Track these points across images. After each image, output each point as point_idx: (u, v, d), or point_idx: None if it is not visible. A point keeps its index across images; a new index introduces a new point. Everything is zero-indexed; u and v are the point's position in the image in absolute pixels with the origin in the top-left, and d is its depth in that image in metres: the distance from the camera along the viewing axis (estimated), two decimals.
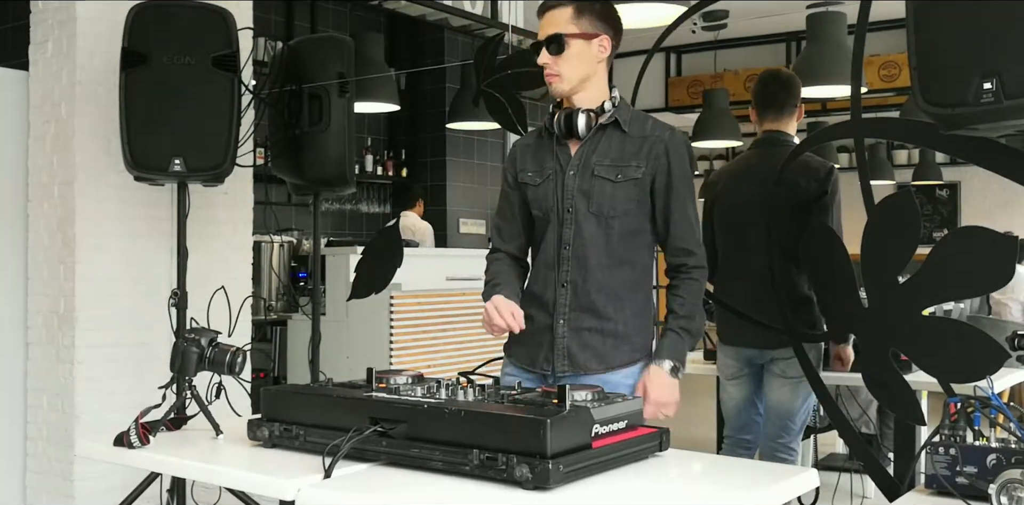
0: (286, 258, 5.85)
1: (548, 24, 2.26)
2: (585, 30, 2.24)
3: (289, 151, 3.90)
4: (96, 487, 3.67)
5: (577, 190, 2.27)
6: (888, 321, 2.25)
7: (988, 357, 2.05)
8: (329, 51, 3.91)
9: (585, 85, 2.28)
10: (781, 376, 3.37)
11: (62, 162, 3.75)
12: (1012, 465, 1.60)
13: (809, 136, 2.87)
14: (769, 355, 3.38)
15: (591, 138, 2.29)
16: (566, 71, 2.25)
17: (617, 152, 2.27)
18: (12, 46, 4.31)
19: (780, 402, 3.40)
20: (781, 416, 3.40)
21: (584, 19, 2.24)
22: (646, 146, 2.26)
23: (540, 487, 1.57)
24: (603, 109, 2.29)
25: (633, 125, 2.29)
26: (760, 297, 3.27)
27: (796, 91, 3.48)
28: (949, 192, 11.25)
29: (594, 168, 2.27)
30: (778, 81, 3.48)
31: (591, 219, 2.27)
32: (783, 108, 3.45)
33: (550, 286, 2.31)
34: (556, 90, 2.29)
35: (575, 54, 2.24)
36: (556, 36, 2.23)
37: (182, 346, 2.22)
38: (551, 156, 2.34)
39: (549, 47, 2.24)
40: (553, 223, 2.32)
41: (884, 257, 2.25)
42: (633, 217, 2.28)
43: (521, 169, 2.40)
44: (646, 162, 2.25)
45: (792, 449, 3.44)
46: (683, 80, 9.49)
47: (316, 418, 1.88)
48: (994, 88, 1.69)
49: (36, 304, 3.85)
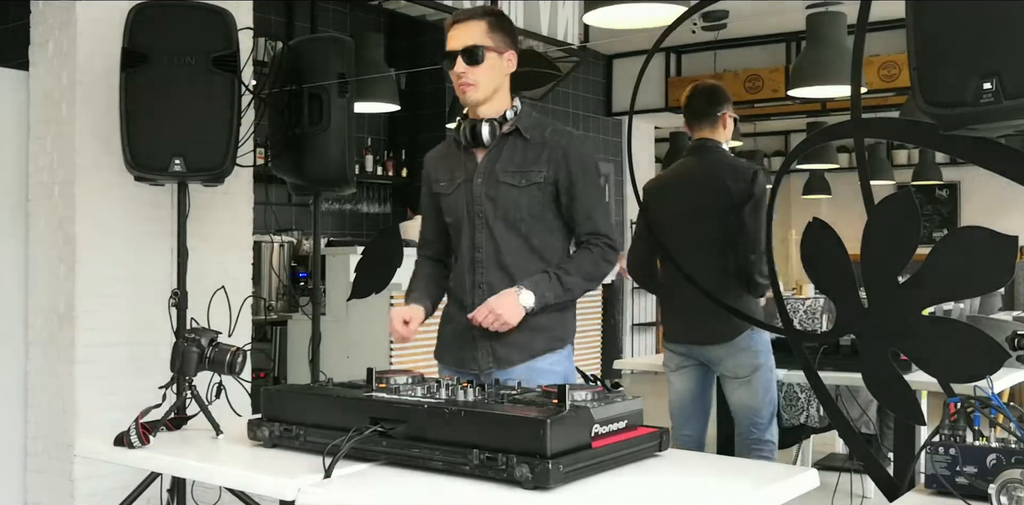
0: (286, 258, 5.85)
1: (463, 35, 2.38)
2: (498, 45, 2.39)
3: (289, 151, 3.90)
4: (96, 487, 3.67)
5: (485, 196, 2.42)
6: (888, 321, 2.25)
7: (988, 357, 2.05)
8: (329, 51, 3.91)
9: (494, 96, 2.42)
10: (734, 377, 3.47)
11: (62, 162, 3.75)
12: (1012, 465, 1.60)
13: (809, 136, 2.87)
14: (713, 353, 3.47)
15: (495, 146, 2.42)
16: (482, 81, 2.38)
17: (520, 158, 2.41)
18: (12, 46, 4.32)
19: (742, 402, 3.49)
20: (748, 415, 3.49)
21: (496, 35, 2.39)
22: (546, 152, 2.40)
23: (540, 487, 1.57)
24: (505, 118, 2.43)
25: (533, 132, 2.42)
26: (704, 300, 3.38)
27: (719, 100, 3.63)
28: (949, 192, 11.25)
29: (499, 175, 2.40)
30: (701, 93, 3.66)
31: (499, 223, 2.41)
32: (707, 117, 3.61)
33: (468, 289, 2.45)
34: (470, 98, 2.41)
35: (490, 66, 2.38)
36: (474, 47, 2.36)
37: (182, 346, 2.22)
38: (460, 166, 2.47)
39: (466, 57, 2.36)
40: (465, 229, 2.46)
41: (884, 257, 2.25)
42: (540, 218, 2.42)
43: (434, 180, 2.55)
44: (547, 167, 2.39)
45: (767, 442, 3.51)
46: (683, 80, 9.48)
47: (316, 418, 1.88)
48: (994, 88, 1.69)
49: (36, 303, 3.85)
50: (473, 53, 2.35)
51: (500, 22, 2.42)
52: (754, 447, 3.50)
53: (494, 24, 2.40)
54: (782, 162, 3.18)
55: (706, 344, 3.47)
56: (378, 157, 7.90)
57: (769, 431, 3.50)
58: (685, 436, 3.64)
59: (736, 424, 3.59)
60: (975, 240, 2.07)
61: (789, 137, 12.16)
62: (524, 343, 2.39)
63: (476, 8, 2.45)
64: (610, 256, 2.43)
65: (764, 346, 3.46)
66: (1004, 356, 2.06)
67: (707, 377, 3.61)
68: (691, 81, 9.68)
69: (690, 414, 3.63)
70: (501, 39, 2.40)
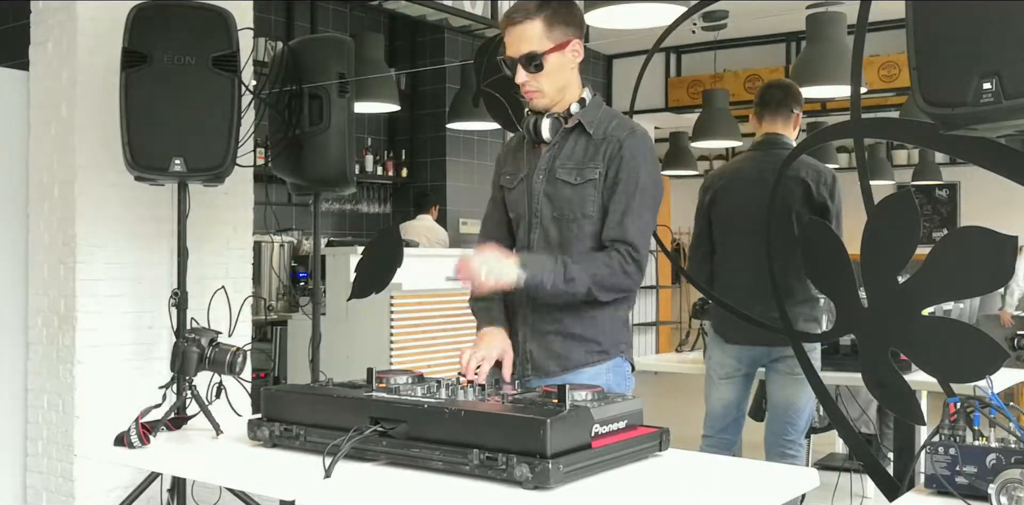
0: (286, 258, 5.86)
1: (519, 40, 2.20)
2: (558, 41, 2.20)
3: (289, 151, 3.90)
4: (96, 487, 3.67)
5: (543, 194, 2.28)
6: (888, 321, 2.25)
7: (988, 357, 2.05)
8: (329, 51, 3.91)
9: (563, 93, 2.27)
10: (789, 374, 3.42)
11: (62, 162, 3.75)
12: (1012, 465, 1.60)
13: (809, 136, 2.87)
14: (778, 353, 3.43)
15: (558, 142, 2.29)
16: (547, 86, 2.23)
17: (580, 154, 2.26)
18: (12, 46, 4.31)
19: (788, 399, 3.45)
20: (788, 413, 3.46)
21: (556, 30, 2.20)
22: (604, 147, 2.24)
23: (540, 487, 1.57)
24: (569, 112, 2.28)
25: (598, 127, 2.27)
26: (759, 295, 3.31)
27: (795, 97, 3.60)
28: (949, 192, 11.25)
29: (557, 171, 2.26)
30: (779, 87, 3.62)
31: (554, 223, 2.27)
32: (780, 112, 3.57)
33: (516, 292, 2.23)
34: (538, 105, 2.27)
35: (552, 69, 2.21)
36: (533, 55, 2.18)
37: (182, 346, 2.22)
38: (525, 159, 2.35)
39: (526, 65, 2.20)
40: (524, 226, 2.34)
41: (884, 257, 2.25)
42: (595, 220, 2.23)
43: (502, 173, 2.43)
44: (603, 163, 2.23)
45: (799, 445, 3.50)
46: (683, 80, 9.49)
47: (316, 418, 1.88)
48: (994, 88, 1.69)
49: (36, 304, 3.85)
50: (532, 60, 2.18)
51: (558, 14, 2.19)
52: (787, 449, 3.47)
53: (551, 19, 2.18)
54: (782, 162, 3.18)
55: (773, 345, 3.40)
56: (378, 157, 7.91)
57: (802, 436, 3.50)
58: (725, 439, 3.61)
59: (772, 423, 3.54)
60: (975, 240, 2.07)
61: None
62: (561, 353, 2.24)
63: (528, 2, 2.20)
64: (629, 268, 2.16)
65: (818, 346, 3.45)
66: (1004, 356, 2.06)
67: (750, 384, 3.61)
68: (691, 81, 9.72)
69: (733, 420, 3.61)
70: (562, 32, 2.20)
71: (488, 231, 2.47)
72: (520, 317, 2.29)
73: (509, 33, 2.22)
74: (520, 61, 2.20)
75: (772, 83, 3.67)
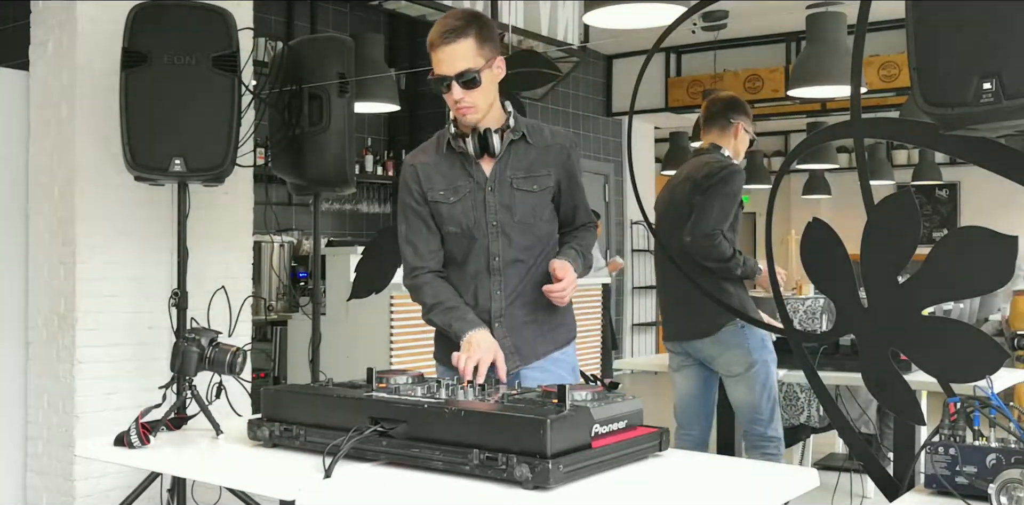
0: (286, 258, 5.85)
1: (454, 59, 2.26)
2: (487, 58, 2.29)
3: (289, 151, 3.90)
4: (96, 487, 3.67)
5: (499, 205, 2.38)
6: (888, 321, 2.25)
7: (988, 357, 2.05)
8: (329, 51, 3.91)
9: (491, 108, 2.36)
10: (727, 375, 3.52)
11: (62, 162, 3.75)
12: (1012, 465, 1.60)
13: (809, 136, 2.88)
14: (705, 351, 3.52)
15: (502, 154, 2.39)
16: (480, 102, 2.31)
17: (527, 164, 2.40)
18: (12, 46, 4.31)
19: (740, 399, 3.53)
20: (747, 411, 3.53)
21: (485, 47, 2.28)
22: (551, 155, 2.41)
23: (540, 487, 1.57)
24: (508, 125, 2.39)
25: (534, 136, 2.42)
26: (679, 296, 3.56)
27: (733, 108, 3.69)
28: (949, 192, 11.26)
29: (511, 182, 2.38)
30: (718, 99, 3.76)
31: (516, 229, 2.39)
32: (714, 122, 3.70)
33: (484, 296, 2.40)
34: (471, 120, 2.34)
35: (486, 84, 2.30)
36: (469, 71, 2.26)
37: (182, 346, 2.22)
38: (464, 175, 2.39)
39: (462, 83, 2.27)
40: (478, 238, 2.39)
41: (884, 257, 2.25)
42: (548, 220, 2.46)
43: (429, 188, 2.42)
44: (553, 169, 2.41)
45: (773, 438, 3.53)
46: (683, 80, 9.49)
47: (316, 418, 1.88)
48: (994, 88, 1.69)
49: (36, 304, 3.85)
50: (469, 78, 2.26)
51: (484, 31, 2.28)
52: (758, 444, 3.52)
53: (479, 37, 2.27)
54: (782, 162, 3.19)
55: (690, 339, 3.53)
56: (378, 157, 7.91)
57: (772, 427, 3.53)
58: (689, 435, 3.66)
59: (738, 421, 3.62)
60: (975, 240, 2.07)
61: (789, 137, 12.17)
62: (544, 339, 2.43)
63: (457, 22, 2.27)
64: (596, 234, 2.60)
65: (758, 342, 3.46)
66: (1004, 356, 2.06)
67: (710, 377, 3.63)
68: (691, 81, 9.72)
69: (694, 414, 3.66)
70: (490, 50, 2.29)
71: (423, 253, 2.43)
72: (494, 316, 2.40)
73: (442, 52, 2.27)
74: (455, 79, 2.27)
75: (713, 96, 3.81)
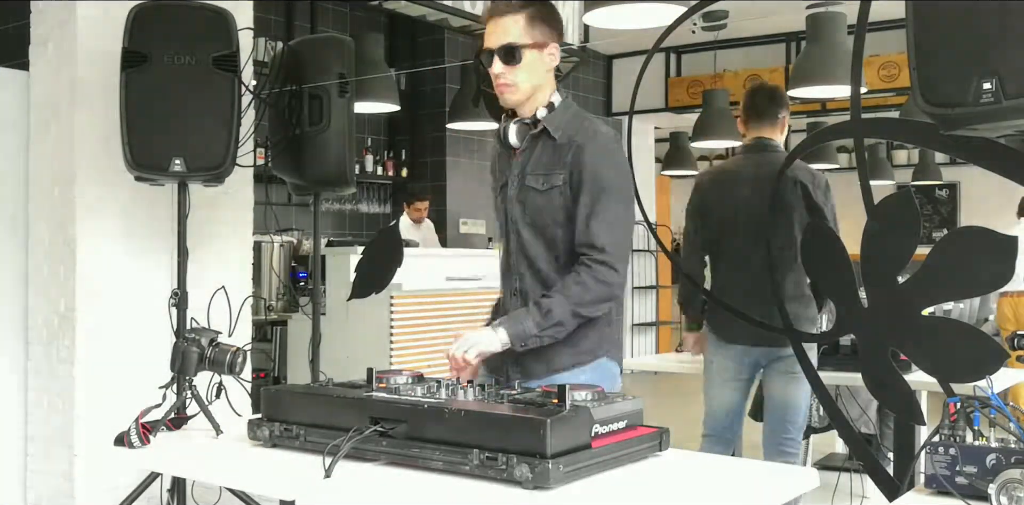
0: (286, 258, 5.86)
1: (499, 32, 2.21)
2: (537, 40, 2.21)
3: (289, 151, 3.90)
4: (96, 487, 3.67)
5: (515, 200, 2.30)
6: (888, 321, 2.25)
7: (988, 357, 2.05)
8: (329, 51, 3.91)
9: (535, 94, 2.26)
10: (787, 372, 3.44)
11: (62, 162, 3.75)
12: (1012, 465, 1.60)
13: (809, 136, 2.88)
14: (776, 353, 3.44)
15: (528, 148, 2.29)
16: (521, 80, 2.22)
17: (547, 160, 2.26)
18: (12, 46, 4.31)
19: (786, 398, 3.47)
20: (787, 412, 3.48)
21: (536, 28, 2.21)
22: (565, 152, 2.23)
23: (540, 487, 1.57)
24: (536, 118, 2.27)
25: (563, 131, 2.25)
26: (758, 296, 3.35)
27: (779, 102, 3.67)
28: (949, 192, 11.26)
29: (527, 178, 2.27)
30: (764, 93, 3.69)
31: (528, 229, 2.28)
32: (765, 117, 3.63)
33: (506, 295, 2.36)
34: (509, 100, 2.26)
35: (529, 64, 2.21)
36: (510, 46, 2.19)
37: (182, 346, 2.22)
38: (508, 166, 2.36)
39: (503, 56, 2.20)
40: (503, 234, 2.37)
41: (884, 257, 2.25)
42: (563, 225, 2.23)
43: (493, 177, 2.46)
44: (566, 168, 2.22)
45: (798, 443, 3.52)
46: (683, 80, 9.50)
47: (316, 418, 1.88)
48: (994, 88, 1.69)
49: (36, 304, 3.85)
50: (510, 52, 2.19)
51: (541, 13, 2.22)
52: (785, 447, 3.49)
53: (534, 17, 2.21)
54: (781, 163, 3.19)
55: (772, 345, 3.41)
56: (378, 157, 7.91)
57: (800, 435, 3.52)
58: (725, 438, 3.63)
59: (770, 421, 3.56)
60: (975, 240, 2.07)
61: (789, 137, 12.16)
62: (549, 358, 2.23)
63: (515, 1, 2.23)
64: (605, 275, 2.14)
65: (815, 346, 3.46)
66: (1004, 356, 2.06)
67: (750, 387, 3.63)
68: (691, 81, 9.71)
69: (732, 420, 3.63)
70: (542, 32, 2.22)
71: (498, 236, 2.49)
72: None
73: (491, 26, 2.24)
74: (498, 52, 2.21)
75: (756, 88, 3.71)
